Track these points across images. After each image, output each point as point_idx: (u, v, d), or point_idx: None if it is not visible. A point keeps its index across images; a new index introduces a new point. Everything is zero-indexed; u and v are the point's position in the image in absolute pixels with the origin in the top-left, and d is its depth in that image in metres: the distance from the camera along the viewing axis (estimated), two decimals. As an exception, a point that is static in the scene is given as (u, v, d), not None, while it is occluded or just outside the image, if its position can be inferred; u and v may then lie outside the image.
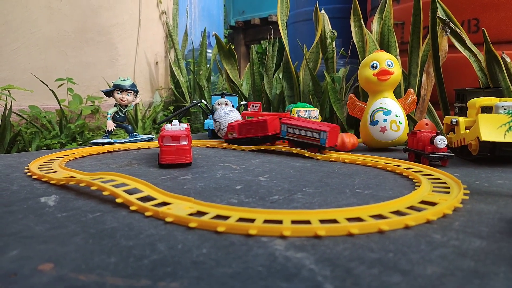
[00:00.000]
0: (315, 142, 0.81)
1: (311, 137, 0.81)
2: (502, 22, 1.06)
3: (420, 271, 0.30)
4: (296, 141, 0.85)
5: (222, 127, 0.95)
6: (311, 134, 0.81)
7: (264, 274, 0.30)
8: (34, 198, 0.51)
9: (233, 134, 0.91)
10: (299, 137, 0.84)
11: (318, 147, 0.81)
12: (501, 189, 0.55)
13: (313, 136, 0.81)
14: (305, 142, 0.83)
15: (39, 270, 0.31)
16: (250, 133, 0.90)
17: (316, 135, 0.80)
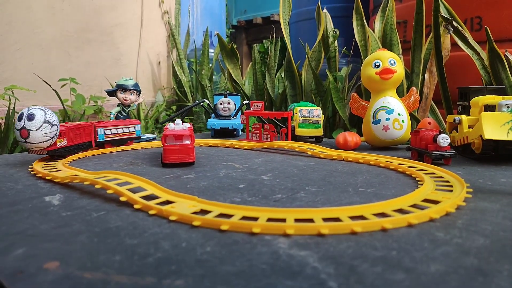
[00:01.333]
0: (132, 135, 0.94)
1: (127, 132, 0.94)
2: (505, 20, 1.06)
3: (423, 269, 0.31)
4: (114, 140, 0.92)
5: None
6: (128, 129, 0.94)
7: (268, 272, 0.30)
8: (38, 197, 0.51)
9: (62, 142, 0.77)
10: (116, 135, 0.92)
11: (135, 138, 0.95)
12: (504, 188, 0.55)
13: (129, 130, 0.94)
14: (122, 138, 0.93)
15: (45, 268, 0.31)
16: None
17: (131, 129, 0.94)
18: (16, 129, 0.67)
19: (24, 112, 0.66)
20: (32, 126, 0.66)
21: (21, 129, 0.66)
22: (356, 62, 1.39)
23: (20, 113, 0.66)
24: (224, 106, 1.14)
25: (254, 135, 1.01)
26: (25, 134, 0.66)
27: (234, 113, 1.15)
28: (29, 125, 0.66)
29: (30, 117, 0.66)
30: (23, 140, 0.67)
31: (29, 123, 0.66)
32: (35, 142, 0.67)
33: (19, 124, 0.66)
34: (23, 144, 0.67)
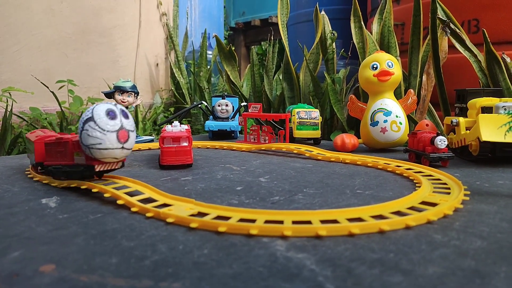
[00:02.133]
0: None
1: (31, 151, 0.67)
2: (502, 23, 1.07)
3: (421, 271, 0.30)
4: None
5: None
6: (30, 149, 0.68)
7: (265, 274, 0.30)
8: (35, 199, 0.51)
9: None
10: None
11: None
12: (502, 190, 0.55)
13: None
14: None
15: (41, 271, 0.31)
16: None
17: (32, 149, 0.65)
18: (105, 131, 0.48)
19: (112, 108, 0.50)
20: (131, 126, 0.51)
21: (119, 129, 0.49)
22: (354, 64, 1.39)
23: (107, 109, 0.49)
24: (222, 108, 1.14)
25: (252, 137, 1.01)
26: (125, 136, 0.50)
27: (232, 115, 1.15)
28: (127, 124, 0.50)
29: (125, 114, 0.51)
30: (119, 146, 0.49)
31: (126, 121, 0.50)
32: (130, 148, 0.51)
33: (115, 123, 0.49)
34: (113, 151, 0.49)
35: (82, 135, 0.49)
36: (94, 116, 0.48)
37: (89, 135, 0.48)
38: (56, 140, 0.57)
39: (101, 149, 0.49)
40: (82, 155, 0.51)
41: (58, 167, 0.57)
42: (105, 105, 0.50)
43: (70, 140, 0.54)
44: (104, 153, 0.49)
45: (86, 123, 0.48)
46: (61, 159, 0.56)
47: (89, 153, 0.49)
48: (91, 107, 0.50)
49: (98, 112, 0.49)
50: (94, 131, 0.48)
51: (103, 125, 0.48)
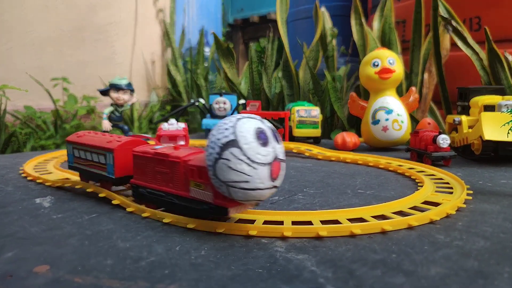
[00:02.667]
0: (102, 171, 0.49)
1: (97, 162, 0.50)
2: (504, 20, 1.06)
3: (423, 272, 0.30)
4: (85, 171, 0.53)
5: None
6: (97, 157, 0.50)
7: (264, 276, 0.30)
8: (29, 199, 0.50)
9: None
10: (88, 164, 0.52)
11: (108, 179, 0.49)
12: (505, 189, 0.55)
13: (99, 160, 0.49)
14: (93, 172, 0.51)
15: (34, 272, 0.30)
16: None
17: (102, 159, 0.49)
18: (255, 163, 0.33)
19: (262, 127, 0.35)
20: (283, 154, 0.36)
21: (273, 161, 0.34)
22: (354, 62, 1.39)
23: (257, 130, 0.34)
24: (220, 106, 1.13)
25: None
26: (278, 170, 0.35)
27: (230, 113, 1.14)
28: (280, 152, 0.36)
29: (275, 134, 0.36)
30: (270, 184, 0.35)
31: (279, 147, 0.36)
32: (279, 186, 0.37)
33: (267, 152, 0.34)
34: (263, 192, 0.35)
35: (219, 165, 0.34)
36: (239, 140, 0.33)
37: (231, 168, 0.33)
38: (156, 155, 0.42)
39: (247, 190, 0.34)
40: (208, 189, 0.37)
41: (160, 194, 0.42)
42: (250, 121, 0.35)
43: (183, 161, 0.39)
44: (250, 194, 0.34)
45: (226, 148, 0.33)
46: (163, 183, 0.42)
47: (225, 191, 0.35)
48: (227, 121, 0.35)
49: (245, 133, 0.34)
50: (240, 164, 0.33)
51: (253, 155, 0.33)
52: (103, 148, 0.48)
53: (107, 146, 0.47)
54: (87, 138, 0.52)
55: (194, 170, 0.38)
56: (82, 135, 0.53)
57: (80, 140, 0.52)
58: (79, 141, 0.52)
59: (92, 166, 0.50)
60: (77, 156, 0.53)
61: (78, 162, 0.53)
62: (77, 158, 0.53)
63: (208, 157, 0.35)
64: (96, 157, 0.49)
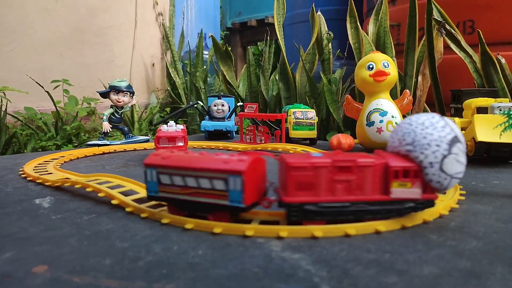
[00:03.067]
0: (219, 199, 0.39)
1: (209, 189, 0.40)
2: (497, 24, 1.07)
3: (416, 271, 0.30)
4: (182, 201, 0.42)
5: None
6: (209, 183, 0.40)
7: (260, 275, 0.30)
8: (28, 199, 0.51)
9: None
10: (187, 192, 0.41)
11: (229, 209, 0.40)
12: (497, 190, 0.55)
13: (213, 187, 0.40)
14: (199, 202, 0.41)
15: (33, 272, 0.31)
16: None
17: (219, 184, 0.39)
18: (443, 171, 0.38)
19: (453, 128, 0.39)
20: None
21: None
22: (350, 65, 1.39)
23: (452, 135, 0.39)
24: (218, 108, 1.14)
25: (248, 137, 1.00)
26: None
27: (228, 115, 1.15)
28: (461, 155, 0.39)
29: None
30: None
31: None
32: None
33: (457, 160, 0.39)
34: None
35: (449, 160, 0.38)
36: (459, 136, 0.39)
37: (459, 161, 0.38)
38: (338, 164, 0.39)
39: (459, 179, 0.39)
40: (416, 186, 0.39)
41: (345, 205, 0.39)
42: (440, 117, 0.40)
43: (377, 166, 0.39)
44: (455, 183, 0.40)
45: (454, 144, 0.38)
46: (345, 193, 0.39)
47: (445, 183, 0.39)
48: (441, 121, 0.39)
49: (458, 131, 0.39)
50: (463, 156, 0.39)
51: (465, 148, 0.40)
52: (222, 170, 0.39)
53: (231, 168, 0.39)
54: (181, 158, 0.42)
55: (399, 171, 0.39)
56: (168, 156, 0.42)
57: (170, 162, 0.41)
58: (170, 164, 0.41)
59: (200, 195, 0.40)
60: (167, 183, 0.42)
61: (170, 190, 0.42)
62: (168, 186, 0.42)
63: (430, 155, 0.38)
64: (208, 183, 0.40)
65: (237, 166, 0.38)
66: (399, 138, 0.41)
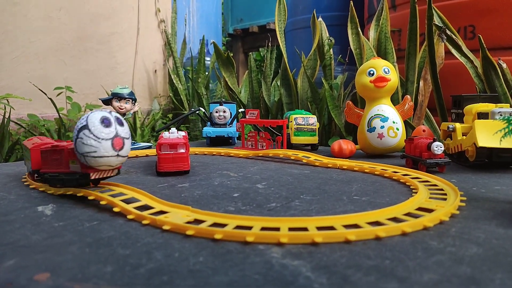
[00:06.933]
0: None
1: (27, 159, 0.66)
2: (498, 29, 1.07)
3: (416, 278, 0.30)
4: None
5: None
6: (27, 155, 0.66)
7: (260, 282, 0.30)
8: (31, 207, 0.51)
9: None
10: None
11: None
12: (498, 195, 0.55)
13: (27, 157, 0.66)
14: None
15: (35, 280, 0.31)
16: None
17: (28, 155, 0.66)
18: (100, 139, 0.48)
19: (107, 116, 0.50)
20: (126, 133, 0.51)
21: (114, 137, 0.49)
22: (351, 70, 1.40)
23: (102, 117, 0.49)
24: (219, 114, 1.14)
25: (250, 143, 1.01)
26: (120, 144, 0.49)
27: (229, 121, 1.15)
28: (122, 132, 0.50)
29: (120, 121, 0.51)
30: (114, 153, 0.49)
31: (121, 129, 0.50)
32: (125, 156, 0.51)
33: (109, 131, 0.49)
34: (108, 159, 0.49)
35: (77, 143, 0.48)
36: (88, 124, 0.48)
37: (83, 143, 0.48)
38: (52, 147, 0.56)
39: (96, 157, 0.48)
40: (78, 163, 0.51)
41: (54, 174, 0.57)
42: (100, 112, 0.50)
43: (65, 147, 0.53)
44: (99, 161, 0.49)
45: (80, 131, 0.48)
46: (57, 167, 0.56)
47: (84, 161, 0.49)
48: (85, 115, 0.50)
49: (93, 120, 0.48)
50: (89, 139, 0.48)
51: (98, 133, 0.48)
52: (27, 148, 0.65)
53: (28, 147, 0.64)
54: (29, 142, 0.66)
55: (70, 152, 0.52)
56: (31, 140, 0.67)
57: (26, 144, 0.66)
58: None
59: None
60: None
61: None
62: None
63: (73, 140, 0.50)
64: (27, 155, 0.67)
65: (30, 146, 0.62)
66: None
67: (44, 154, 0.59)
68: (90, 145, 0.48)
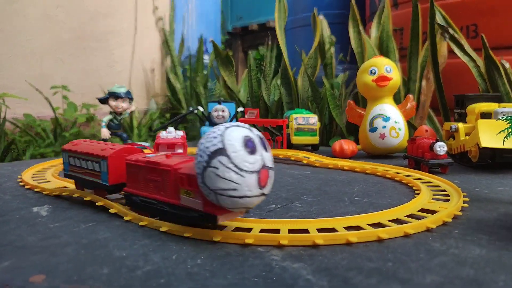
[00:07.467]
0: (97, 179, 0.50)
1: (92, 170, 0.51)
2: (501, 28, 1.06)
3: (419, 280, 0.30)
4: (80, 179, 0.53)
5: None
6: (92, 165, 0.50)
7: (260, 285, 0.30)
8: (26, 208, 0.51)
9: None
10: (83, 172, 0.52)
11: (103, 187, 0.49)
12: (501, 196, 0.55)
13: (93, 168, 0.50)
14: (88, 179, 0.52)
15: (31, 282, 0.30)
16: None
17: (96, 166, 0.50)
18: (243, 171, 0.34)
19: (250, 136, 0.35)
20: (272, 162, 0.37)
21: (261, 168, 0.35)
22: (352, 69, 1.39)
23: (245, 138, 0.35)
24: (218, 113, 1.13)
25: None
26: (266, 177, 0.35)
27: (228, 121, 1.15)
28: (268, 160, 0.36)
29: (263, 143, 0.36)
30: (258, 192, 0.35)
31: (267, 155, 0.36)
32: (268, 193, 0.37)
33: (255, 160, 0.35)
34: (251, 200, 0.35)
35: (208, 174, 0.34)
36: (227, 148, 0.34)
37: (219, 176, 0.34)
38: (147, 163, 0.42)
39: (235, 197, 0.34)
40: (198, 197, 0.37)
41: (152, 202, 0.42)
42: (238, 129, 0.35)
43: (173, 169, 0.40)
44: (238, 202, 0.35)
45: (214, 157, 0.34)
46: (154, 191, 0.42)
47: (213, 199, 0.35)
48: (215, 130, 0.35)
49: (232, 142, 0.34)
50: (229, 172, 0.33)
51: (241, 162, 0.34)
52: (97, 156, 0.49)
53: (101, 154, 0.48)
54: (82, 146, 0.52)
55: (185, 179, 0.38)
56: (77, 143, 0.54)
57: (75, 148, 0.53)
58: (75, 149, 0.53)
59: (87, 174, 0.51)
60: (73, 164, 0.54)
61: (73, 170, 0.54)
62: (73, 166, 0.54)
63: (196, 165, 0.35)
64: (91, 165, 0.50)
65: (106, 152, 0.47)
66: None
67: (133, 169, 0.44)
68: (229, 180, 0.34)
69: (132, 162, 0.44)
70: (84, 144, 0.53)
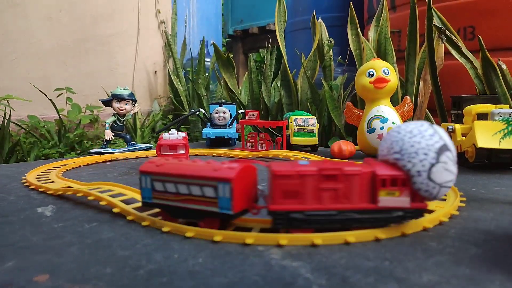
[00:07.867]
0: (209, 206, 0.40)
1: (200, 196, 0.40)
2: (498, 29, 1.07)
3: (416, 279, 0.30)
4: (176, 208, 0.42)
5: None
6: (200, 190, 0.40)
7: (260, 283, 0.30)
8: (31, 208, 0.51)
9: None
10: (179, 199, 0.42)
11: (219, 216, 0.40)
12: (498, 196, 0.55)
13: (203, 194, 0.40)
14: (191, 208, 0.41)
15: (34, 281, 0.31)
16: None
17: (209, 191, 0.40)
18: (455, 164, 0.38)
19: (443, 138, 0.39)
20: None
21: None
22: (351, 71, 1.40)
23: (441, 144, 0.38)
24: (219, 115, 1.14)
25: (250, 144, 1.01)
26: None
27: (229, 122, 1.15)
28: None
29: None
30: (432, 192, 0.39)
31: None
32: None
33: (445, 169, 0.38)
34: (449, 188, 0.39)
35: (437, 169, 0.37)
36: (447, 144, 0.38)
37: (448, 170, 0.37)
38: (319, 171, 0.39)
39: (450, 187, 0.39)
40: (404, 195, 0.39)
41: (327, 214, 0.39)
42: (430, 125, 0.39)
43: (364, 174, 0.39)
44: (448, 191, 0.39)
45: (442, 153, 0.37)
46: (331, 201, 0.39)
47: (434, 192, 0.38)
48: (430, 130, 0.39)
49: (445, 137, 0.38)
50: (453, 165, 0.38)
51: (454, 156, 0.38)
52: (212, 178, 0.39)
53: (220, 176, 0.39)
54: (175, 166, 0.42)
55: (387, 180, 0.39)
56: (162, 163, 0.43)
57: (163, 169, 0.42)
58: (163, 171, 0.42)
59: (190, 201, 0.41)
60: (160, 190, 0.42)
61: (162, 197, 0.42)
62: (160, 193, 0.42)
63: (417, 164, 0.37)
64: (199, 190, 0.40)
65: (226, 173, 0.39)
66: (387, 146, 0.41)
67: (288, 181, 0.39)
68: (452, 172, 0.38)
69: (294, 173, 0.39)
70: (174, 163, 0.43)
